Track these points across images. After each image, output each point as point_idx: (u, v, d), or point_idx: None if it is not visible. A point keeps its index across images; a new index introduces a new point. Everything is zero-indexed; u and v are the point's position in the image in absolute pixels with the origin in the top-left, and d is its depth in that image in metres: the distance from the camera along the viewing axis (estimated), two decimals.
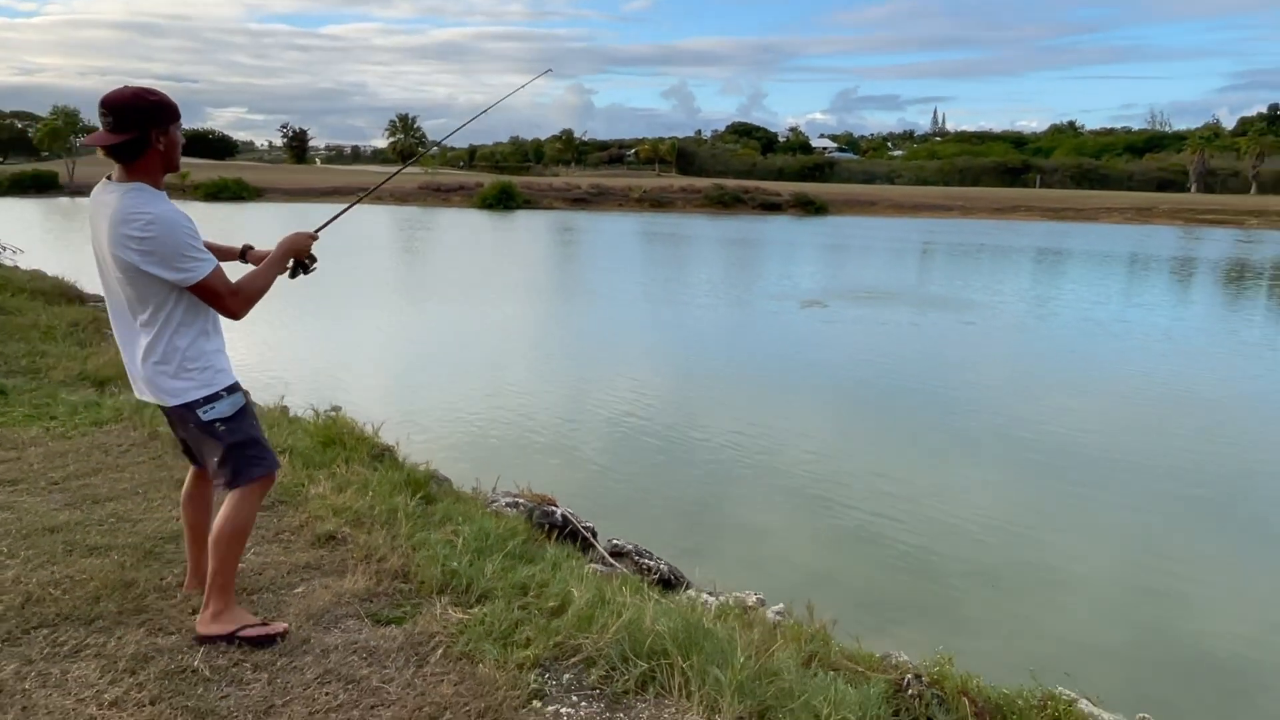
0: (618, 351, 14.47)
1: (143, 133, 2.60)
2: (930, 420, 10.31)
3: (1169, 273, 30.02)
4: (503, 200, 62.02)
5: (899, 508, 7.50)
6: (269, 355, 12.89)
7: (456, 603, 3.29)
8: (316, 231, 3.07)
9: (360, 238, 33.95)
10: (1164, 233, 52.93)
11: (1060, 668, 4.68)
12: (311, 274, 3.05)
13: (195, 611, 3.07)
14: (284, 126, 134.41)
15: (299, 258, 2.99)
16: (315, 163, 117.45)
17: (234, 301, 2.72)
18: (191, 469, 3.12)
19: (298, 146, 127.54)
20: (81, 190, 67.48)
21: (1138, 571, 6.59)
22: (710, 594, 4.53)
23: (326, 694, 2.64)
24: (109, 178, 2.70)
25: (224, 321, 2.92)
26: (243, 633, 2.84)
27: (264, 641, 2.86)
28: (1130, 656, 5.43)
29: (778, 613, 4.43)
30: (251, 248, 3.15)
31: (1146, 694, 4.81)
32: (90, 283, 15.82)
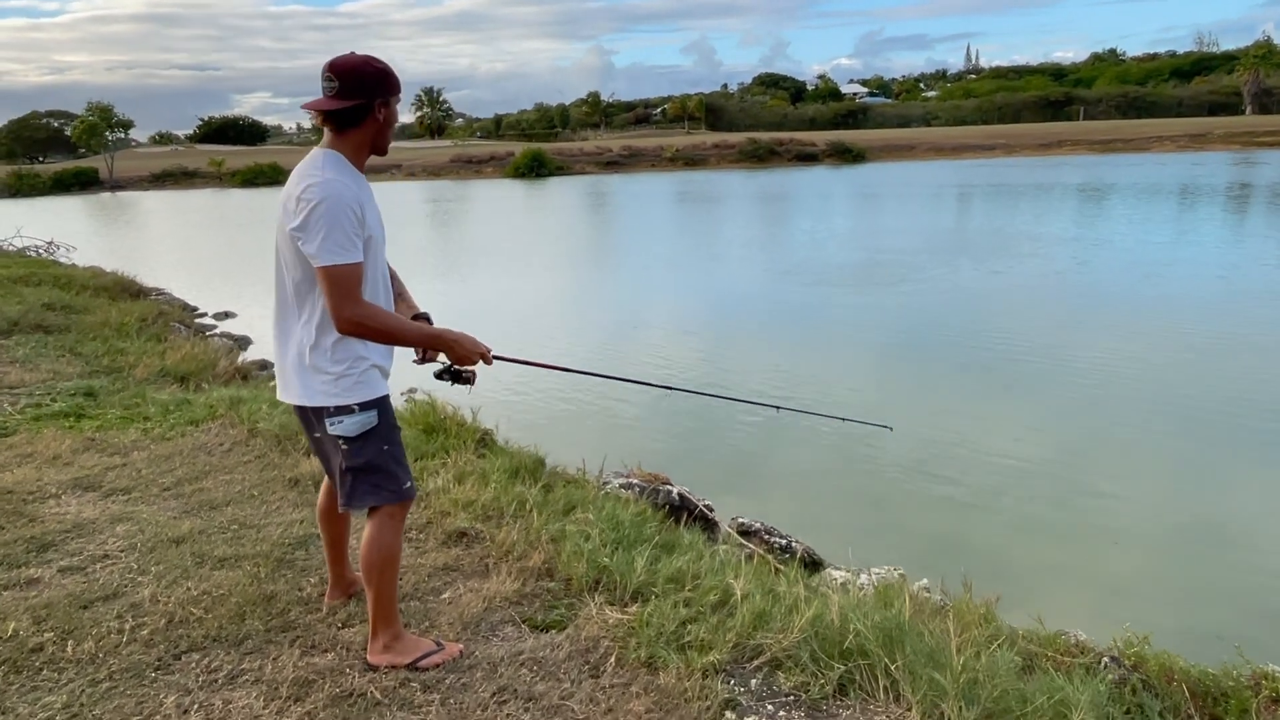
0: (686, 318, 14.14)
1: (368, 100, 2.37)
2: (1012, 377, 9.89)
3: (1225, 202, 28.65)
4: (535, 168, 61.58)
5: (989, 466, 7.15)
6: None
7: (611, 601, 3.07)
8: (493, 356, 2.62)
9: (400, 211, 33.90)
10: (1218, 158, 50.76)
11: (1221, 634, 4.36)
12: (460, 386, 2.65)
13: (345, 625, 2.89)
14: None
15: (456, 360, 2.54)
16: None
17: (348, 307, 2.28)
18: (325, 480, 2.87)
19: None
20: (121, 185, 67.87)
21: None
22: (854, 573, 4.26)
23: (508, 715, 2.43)
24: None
25: None
26: (422, 663, 2.63)
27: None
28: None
29: (925, 589, 4.17)
30: (428, 317, 2.74)
31: None
32: (149, 275, 15.89)
